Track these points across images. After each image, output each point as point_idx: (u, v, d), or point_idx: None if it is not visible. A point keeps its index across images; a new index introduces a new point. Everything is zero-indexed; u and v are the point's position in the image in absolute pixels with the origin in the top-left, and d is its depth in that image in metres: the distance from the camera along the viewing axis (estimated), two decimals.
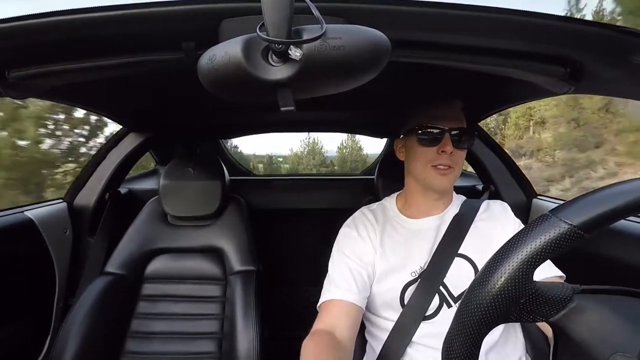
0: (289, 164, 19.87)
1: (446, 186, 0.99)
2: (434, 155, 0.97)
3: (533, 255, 0.39)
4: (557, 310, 0.41)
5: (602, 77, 0.78)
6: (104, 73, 0.80)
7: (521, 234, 0.41)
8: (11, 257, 1.31)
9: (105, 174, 1.68)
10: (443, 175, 0.97)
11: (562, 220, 0.39)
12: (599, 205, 0.39)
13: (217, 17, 0.62)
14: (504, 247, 0.41)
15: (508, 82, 0.97)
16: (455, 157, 0.97)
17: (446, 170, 0.96)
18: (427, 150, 0.98)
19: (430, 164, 0.97)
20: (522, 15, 0.63)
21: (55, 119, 5.49)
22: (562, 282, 0.43)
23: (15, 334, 1.32)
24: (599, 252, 1.19)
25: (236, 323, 1.27)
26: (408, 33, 0.68)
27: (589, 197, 0.40)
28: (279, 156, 20.03)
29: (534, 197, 1.61)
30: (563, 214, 0.39)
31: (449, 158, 0.96)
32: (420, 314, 0.91)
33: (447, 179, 0.97)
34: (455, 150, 0.96)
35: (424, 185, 1.01)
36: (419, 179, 1.02)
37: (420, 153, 0.99)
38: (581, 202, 0.40)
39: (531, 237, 0.39)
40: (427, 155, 0.98)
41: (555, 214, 0.40)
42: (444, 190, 1.01)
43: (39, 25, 0.63)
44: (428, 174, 0.98)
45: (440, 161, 0.96)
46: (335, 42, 0.49)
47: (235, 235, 1.51)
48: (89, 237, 1.64)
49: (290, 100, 0.56)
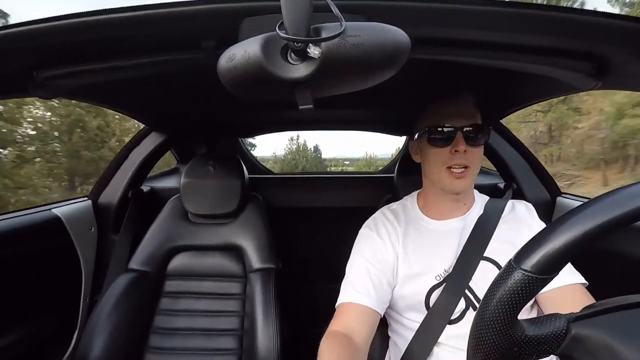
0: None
1: (463, 188, 0.96)
2: (448, 156, 0.94)
3: (504, 309, 0.39)
4: (558, 344, 0.40)
5: (629, 71, 0.75)
6: (126, 72, 0.82)
7: (491, 288, 0.41)
8: (40, 253, 1.35)
9: (128, 172, 1.72)
10: (459, 178, 0.94)
11: (520, 269, 0.39)
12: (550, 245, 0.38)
13: (236, 16, 0.62)
14: (482, 302, 0.42)
15: (532, 79, 0.95)
16: (471, 156, 0.94)
17: (462, 172, 0.94)
18: (439, 151, 0.95)
19: (445, 165, 0.95)
20: (548, 10, 0.61)
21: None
22: (555, 314, 0.42)
23: (44, 329, 1.37)
24: (621, 250, 1.15)
25: (256, 320, 1.28)
26: (428, 30, 0.67)
27: (541, 238, 0.40)
28: (345, 159, 20.60)
29: (558, 195, 1.57)
30: (521, 262, 0.39)
31: (463, 157, 0.93)
32: (446, 317, 0.90)
33: (464, 180, 0.95)
34: (469, 149, 0.93)
35: (441, 188, 0.99)
36: (435, 182, 1.00)
37: (433, 155, 0.97)
38: (533, 244, 0.40)
39: (499, 290, 0.40)
40: (440, 156, 0.95)
41: (516, 262, 0.40)
42: (461, 192, 0.98)
43: (65, 27, 0.65)
44: (443, 176, 0.96)
45: (455, 161, 0.93)
46: (354, 40, 0.49)
47: (255, 234, 1.52)
48: (113, 235, 1.68)
49: (309, 99, 0.56)
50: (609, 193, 0.39)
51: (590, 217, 0.37)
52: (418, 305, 0.93)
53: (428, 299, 0.93)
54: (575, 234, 0.37)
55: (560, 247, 0.38)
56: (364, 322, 0.89)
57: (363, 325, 0.88)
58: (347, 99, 0.85)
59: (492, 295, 0.40)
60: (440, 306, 0.91)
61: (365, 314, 0.90)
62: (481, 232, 0.96)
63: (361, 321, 0.89)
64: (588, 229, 0.37)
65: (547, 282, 0.38)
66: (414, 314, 0.94)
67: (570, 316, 0.41)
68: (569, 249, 0.37)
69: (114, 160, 1.75)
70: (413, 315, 0.95)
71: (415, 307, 0.94)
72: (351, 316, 0.89)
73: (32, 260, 1.31)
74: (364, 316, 0.89)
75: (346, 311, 0.91)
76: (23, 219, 1.32)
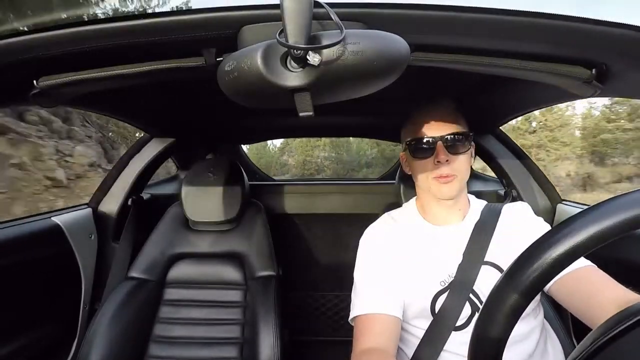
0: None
1: (452, 194, 0.96)
2: (432, 167, 0.94)
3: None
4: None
5: (630, 79, 0.75)
6: (127, 81, 0.82)
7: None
8: (40, 261, 1.35)
9: (129, 180, 1.72)
10: (446, 183, 0.94)
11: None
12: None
13: (237, 24, 0.63)
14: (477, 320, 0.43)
15: (531, 86, 0.95)
16: (456, 164, 0.94)
17: (449, 178, 0.94)
18: (423, 163, 0.96)
19: (431, 176, 0.95)
20: (547, 17, 0.61)
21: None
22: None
23: (43, 337, 1.36)
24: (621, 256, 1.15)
25: (257, 328, 1.27)
26: (427, 37, 0.67)
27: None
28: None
29: (559, 202, 1.57)
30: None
31: (448, 166, 0.93)
32: (451, 323, 0.89)
33: (451, 186, 0.94)
34: (452, 157, 0.93)
35: (433, 196, 0.99)
36: (426, 191, 1.00)
37: (418, 166, 0.98)
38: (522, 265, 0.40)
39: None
40: (424, 167, 0.96)
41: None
42: (452, 198, 0.98)
43: (66, 36, 0.65)
44: (432, 185, 0.96)
45: (440, 172, 0.93)
46: (354, 48, 0.49)
47: (255, 241, 1.52)
48: (114, 242, 1.68)
49: (309, 106, 0.56)
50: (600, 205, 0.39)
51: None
52: (424, 311, 0.93)
53: (434, 305, 0.92)
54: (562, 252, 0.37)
55: (547, 269, 0.38)
56: (392, 332, 0.89)
57: (391, 335, 0.88)
58: (347, 106, 0.86)
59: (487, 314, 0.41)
60: (445, 311, 0.90)
61: (390, 323, 0.89)
62: (480, 236, 0.96)
63: (388, 332, 0.88)
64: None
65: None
66: (420, 320, 0.94)
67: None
68: (555, 272, 0.38)
69: (114, 167, 1.75)
70: (419, 322, 0.94)
71: (421, 313, 0.93)
72: (377, 329, 0.88)
73: (32, 268, 1.31)
74: (390, 325, 0.89)
75: (370, 325, 0.90)
76: (23, 227, 1.32)
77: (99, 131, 8.06)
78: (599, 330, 0.38)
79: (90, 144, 7.51)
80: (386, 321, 0.89)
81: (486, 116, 1.41)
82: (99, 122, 8.09)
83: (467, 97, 1.21)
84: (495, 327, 0.40)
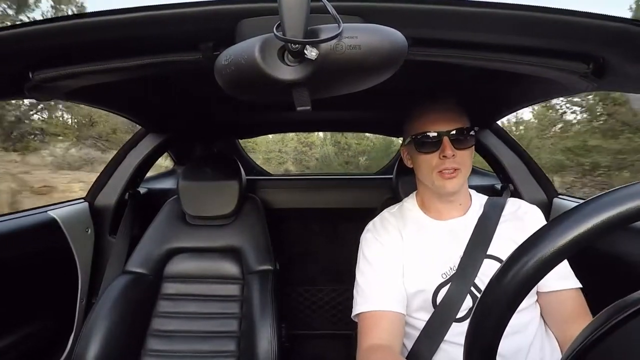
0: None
1: (455, 188, 0.97)
2: (437, 161, 0.95)
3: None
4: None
5: (626, 73, 0.75)
6: (123, 74, 0.82)
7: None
8: (36, 255, 1.34)
9: (126, 174, 1.71)
10: (450, 178, 0.95)
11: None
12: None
13: (234, 18, 0.62)
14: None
15: (528, 80, 0.95)
16: (460, 159, 0.95)
17: (453, 173, 0.95)
18: (428, 157, 0.97)
19: (435, 170, 0.96)
20: (544, 11, 0.61)
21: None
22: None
23: (39, 331, 1.35)
24: (617, 250, 1.16)
25: (254, 322, 1.28)
26: (425, 31, 0.67)
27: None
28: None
29: (555, 196, 1.58)
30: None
31: (453, 161, 0.94)
32: (452, 314, 0.91)
33: (455, 181, 0.95)
34: (457, 152, 0.94)
35: (434, 190, 1.00)
36: (428, 185, 1.01)
37: (423, 161, 0.98)
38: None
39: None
40: (429, 162, 0.97)
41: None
42: (454, 192, 0.99)
43: (62, 28, 0.65)
44: (435, 180, 0.97)
45: (445, 166, 0.95)
46: (352, 42, 0.49)
47: (253, 235, 1.52)
48: (110, 236, 1.67)
49: (307, 100, 0.56)
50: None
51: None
52: (425, 303, 0.94)
53: (435, 297, 0.94)
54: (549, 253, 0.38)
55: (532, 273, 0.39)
56: (397, 328, 0.91)
57: (396, 332, 0.90)
58: (345, 100, 0.86)
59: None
60: (447, 303, 0.92)
61: (395, 320, 0.91)
62: (483, 230, 0.97)
63: (394, 329, 0.90)
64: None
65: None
66: (422, 313, 0.95)
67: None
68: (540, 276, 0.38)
69: (111, 161, 1.74)
70: (420, 314, 0.95)
71: (423, 306, 0.95)
72: (383, 326, 0.90)
73: (28, 262, 1.30)
74: (395, 322, 0.91)
75: (376, 322, 0.91)
76: (19, 221, 1.31)
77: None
78: (597, 322, 0.39)
79: None
80: (391, 318, 0.91)
81: (483, 110, 1.41)
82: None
83: (464, 91, 1.21)
84: (492, 318, 0.40)
